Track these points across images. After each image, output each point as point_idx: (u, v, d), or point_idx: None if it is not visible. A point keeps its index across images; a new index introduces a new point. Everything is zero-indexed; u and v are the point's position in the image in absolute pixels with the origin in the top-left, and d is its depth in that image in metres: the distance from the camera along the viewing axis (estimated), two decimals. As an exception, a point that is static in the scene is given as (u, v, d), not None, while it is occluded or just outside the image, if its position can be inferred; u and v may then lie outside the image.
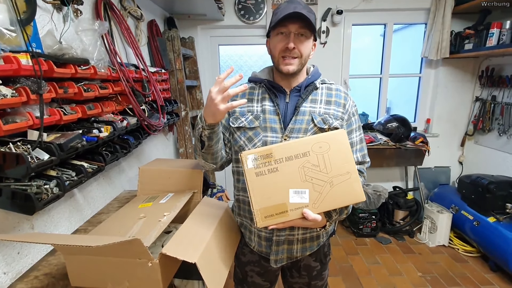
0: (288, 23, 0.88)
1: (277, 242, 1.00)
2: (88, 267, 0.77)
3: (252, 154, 0.78)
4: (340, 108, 0.97)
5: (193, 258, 0.67)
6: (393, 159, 2.70)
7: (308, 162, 0.78)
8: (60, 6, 1.09)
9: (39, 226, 1.00)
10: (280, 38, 0.91)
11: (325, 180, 0.78)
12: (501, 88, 2.56)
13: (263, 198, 0.77)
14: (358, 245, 2.65)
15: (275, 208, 0.77)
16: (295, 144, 0.79)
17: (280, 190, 0.78)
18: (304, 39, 0.90)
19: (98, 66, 1.12)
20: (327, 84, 1.01)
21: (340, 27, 2.78)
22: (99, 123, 1.17)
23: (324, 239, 1.08)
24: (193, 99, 2.68)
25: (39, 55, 0.88)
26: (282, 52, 0.91)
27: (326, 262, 1.13)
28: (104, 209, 1.33)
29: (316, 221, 0.79)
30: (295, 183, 0.78)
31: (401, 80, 3.29)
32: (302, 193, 0.78)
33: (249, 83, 1.05)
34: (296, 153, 0.78)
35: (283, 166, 0.77)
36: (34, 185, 0.83)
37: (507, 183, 2.23)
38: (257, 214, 0.77)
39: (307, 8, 0.89)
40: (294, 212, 0.78)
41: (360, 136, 1.01)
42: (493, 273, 2.23)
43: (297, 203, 0.78)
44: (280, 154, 0.78)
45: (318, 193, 0.78)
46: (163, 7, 2.27)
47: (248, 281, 1.14)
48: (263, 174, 0.77)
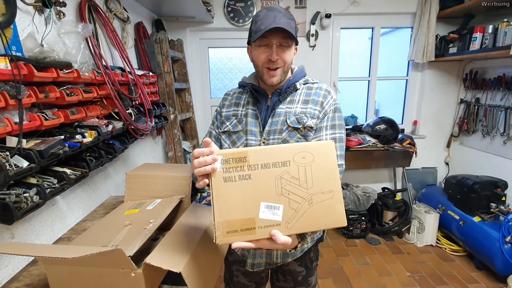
0: (269, 35, 0.87)
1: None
2: (70, 277, 0.75)
3: (221, 155, 0.66)
4: (317, 106, 0.94)
5: (178, 267, 0.65)
6: (382, 160, 2.74)
7: (287, 173, 0.67)
8: (42, 8, 1.06)
9: (19, 235, 0.97)
10: (262, 50, 0.91)
11: (304, 196, 0.67)
12: (485, 91, 2.63)
13: (228, 209, 0.65)
14: (348, 247, 2.67)
15: (241, 223, 0.65)
16: (275, 150, 0.68)
17: (249, 202, 0.65)
18: (286, 48, 0.90)
19: (82, 70, 1.09)
20: (309, 84, 1.00)
21: (329, 30, 2.81)
22: (83, 128, 1.14)
23: (309, 245, 1.05)
24: (182, 102, 2.65)
25: (19, 59, 0.85)
26: (266, 64, 0.91)
27: (313, 268, 1.11)
28: (89, 216, 1.30)
29: (286, 245, 0.66)
30: (268, 196, 0.66)
31: (390, 82, 3.35)
32: (275, 208, 0.66)
33: (239, 88, 1.09)
34: (274, 160, 0.67)
35: (257, 174, 0.66)
36: (13, 194, 0.80)
37: (491, 183, 2.29)
38: (218, 227, 0.64)
39: (287, 15, 0.89)
40: (263, 230, 0.65)
41: (333, 135, 0.93)
42: (479, 272, 2.28)
43: (267, 219, 0.65)
44: (256, 160, 0.66)
45: (294, 211, 0.66)
46: (151, 9, 2.25)
47: (234, 281, 1.15)
48: (232, 180, 0.66)
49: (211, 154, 0.65)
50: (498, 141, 2.52)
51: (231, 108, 1.04)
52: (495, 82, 2.47)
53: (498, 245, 2.04)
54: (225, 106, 1.06)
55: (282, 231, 0.65)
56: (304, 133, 0.93)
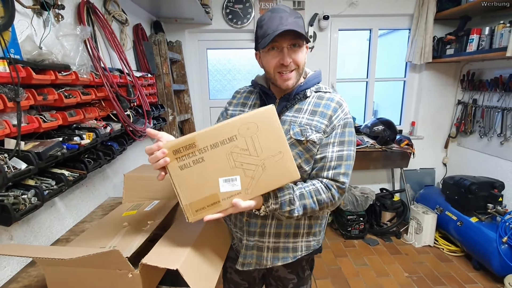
0: (279, 39, 0.82)
1: (246, 246, 0.98)
2: (68, 278, 0.75)
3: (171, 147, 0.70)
4: (325, 120, 0.88)
5: (175, 264, 0.66)
6: (380, 161, 2.75)
7: (236, 147, 0.71)
8: (40, 11, 1.06)
9: (18, 236, 0.97)
10: (273, 54, 0.86)
11: (257, 163, 0.72)
12: (482, 92, 2.65)
13: (192, 192, 0.71)
14: (346, 247, 2.68)
15: (205, 200, 0.72)
16: (219, 128, 0.71)
17: (208, 181, 0.71)
18: (298, 49, 0.85)
19: (80, 72, 1.10)
20: (320, 93, 0.94)
21: (327, 32, 2.82)
22: (81, 129, 1.14)
23: (303, 253, 1.00)
24: (181, 103, 2.66)
25: (17, 62, 0.86)
26: (278, 68, 0.87)
27: (305, 277, 1.09)
28: (88, 218, 1.30)
29: (250, 208, 0.75)
30: (224, 171, 0.71)
31: (388, 83, 3.36)
32: (232, 180, 0.72)
33: (250, 86, 1.06)
34: (221, 138, 0.70)
35: (209, 155, 0.70)
36: (11, 196, 0.81)
37: (488, 183, 2.31)
38: (186, 209, 0.72)
39: (293, 14, 0.84)
40: (227, 201, 0.73)
41: (341, 153, 0.88)
42: (476, 272, 2.29)
43: (228, 191, 0.72)
44: (204, 142, 0.70)
45: (250, 178, 0.72)
46: (149, 11, 2.26)
47: (228, 277, 1.16)
48: (187, 166, 0.70)
49: (160, 149, 0.69)
50: (495, 142, 2.53)
51: (237, 107, 1.03)
52: (492, 84, 2.49)
53: (495, 246, 2.05)
54: (232, 104, 1.06)
55: (244, 197, 0.73)
56: (306, 147, 0.87)
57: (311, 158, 0.89)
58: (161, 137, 0.75)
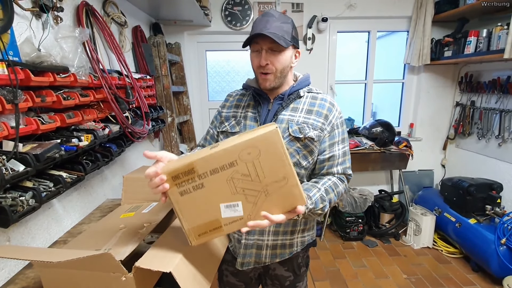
0: (259, 40, 0.88)
1: (246, 246, 1.01)
2: (64, 280, 0.75)
3: (170, 173, 0.68)
4: (321, 118, 0.95)
5: (169, 267, 0.66)
6: (378, 163, 2.76)
7: (237, 172, 0.68)
8: (39, 13, 1.07)
9: (15, 238, 0.97)
10: (255, 55, 0.92)
11: (259, 189, 0.69)
12: (480, 94, 2.66)
13: (193, 217, 0.71)
14: (345, 249, 2.68)
15: (208, 225, 0.71)
16: (219, 154, 0.68)
17: (210, 207, 0.70)
18: (277, 53, 0.89)
19: (79, 74, 1.10)
20: (313, 93, 1.00)
21: (325, 34, 2.83)
22: (79, 131, 1.14)
23: (298, 249, 1.05)
24: (180, 105, 2.66)
25: (15, 64, 0.86)
26: (258, 69, 0.92)
27: (301, 274, 1.11)
28: (86, 219, 1.30)
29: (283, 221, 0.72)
30: (225, 197, 0.69)
31: (386, 85, 3.38)
32: (234, 206, 0.70)
33: (242, 89, 1.10)
34: (221, 164, 0.68)
35: (209, 181, 0.68)
36: (9, 197, 0.81)
37: (486, 185, 2.31)
38: (189, 233, 0.72)
39: (281, 19, 0.88)
40: (229, 226, 0.72)
41: (344, 149, 0.98)
42: (474, 274, 2.29)
43: (230, 217, 0.71)
44: (203, 168, 0.68)
45: (252, 204, 0.70)
46: (148, 13, 2.26)
47: (224, 280, 1.16)
48: (188, 192, 0.69)
49: (158, 176, 0.67)
50: (493, 144, 2.54)
51: (231, 109, 1.06)
52: (490, 85, 2.50)
53: (493, 247, 2.06)
54: (225, 107, 1.08)
55: (247, 222, 0.71)
56: (304, 144, 0.93)
57: (308, 153, 0.95)
58: (160, 157, 0.73)
